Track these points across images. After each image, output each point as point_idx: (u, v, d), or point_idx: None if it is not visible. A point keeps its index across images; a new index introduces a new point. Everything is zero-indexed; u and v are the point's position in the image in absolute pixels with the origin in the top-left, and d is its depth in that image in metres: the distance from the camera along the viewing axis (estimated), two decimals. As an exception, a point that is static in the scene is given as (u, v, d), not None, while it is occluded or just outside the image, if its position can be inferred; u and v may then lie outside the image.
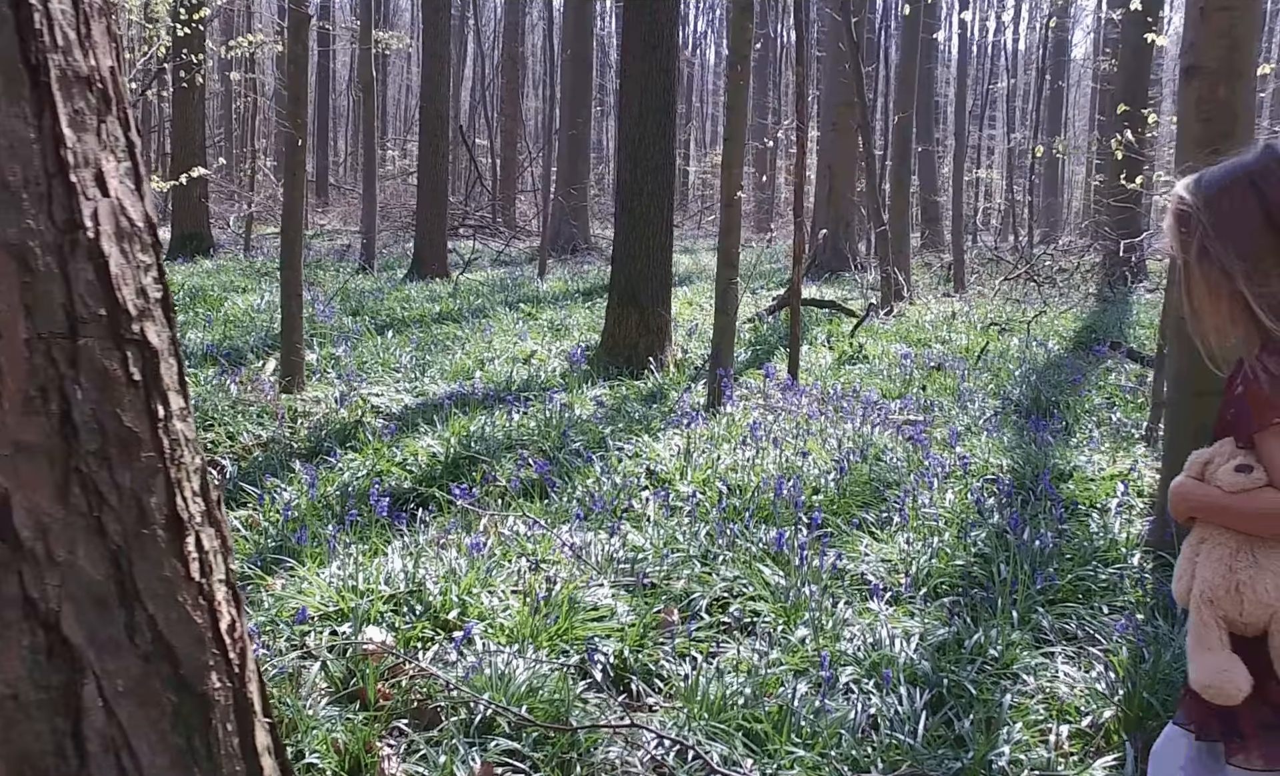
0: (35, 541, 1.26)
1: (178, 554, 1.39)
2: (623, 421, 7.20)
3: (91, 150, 1.33)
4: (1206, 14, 4.67)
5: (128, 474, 1.35)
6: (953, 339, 11.90)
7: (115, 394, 1.34)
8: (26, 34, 1.26)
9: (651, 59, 9.49)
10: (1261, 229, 1.99)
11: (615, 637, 3.98)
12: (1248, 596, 1.98)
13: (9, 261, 1.25)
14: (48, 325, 1.29)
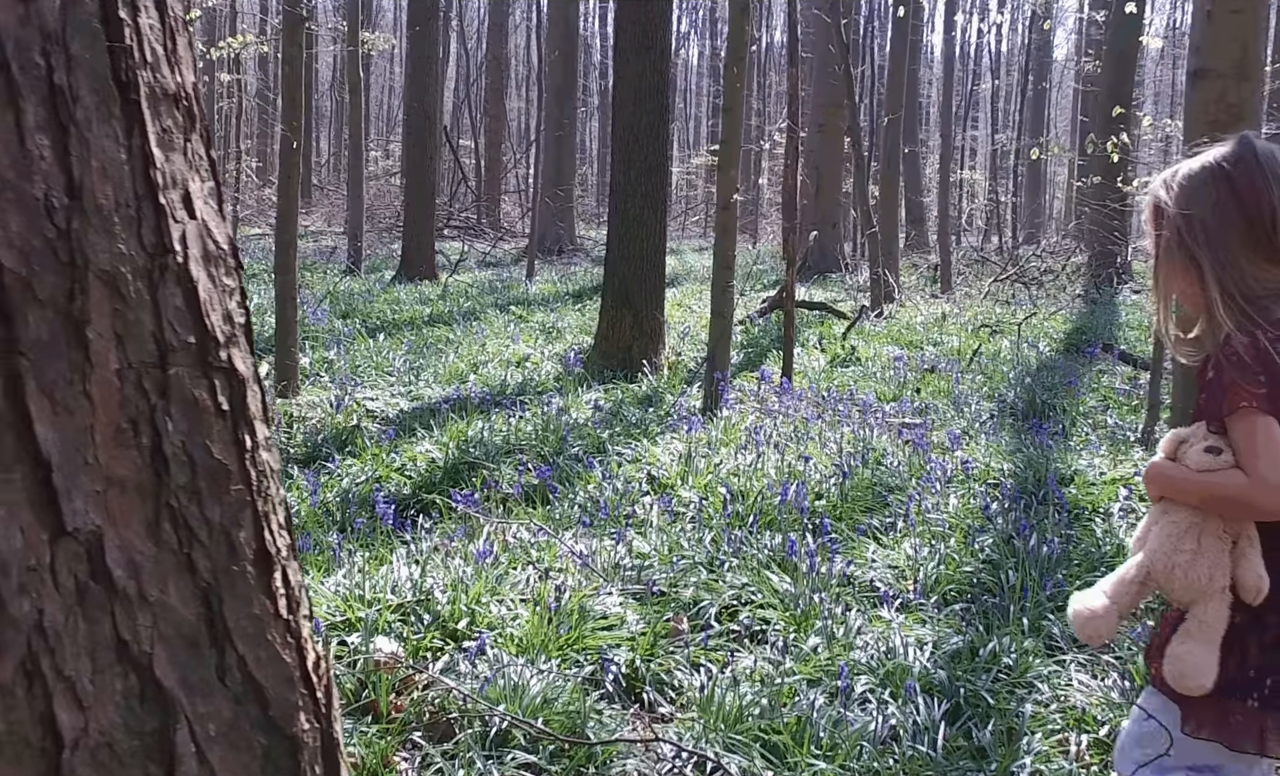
0: (128, 581, 1.21)
1: (266, 590, 1.34)
2: (620, 425, 7.16)
3: (179, 170, 1.28)
4: (1214, 17, 4.67)
5: (217, 508, 1.30)
6: (944, 341, 11.91)
7: (205, 424, 1.29)
8: (117, 50, 1.22)
9: (644, 60, 9.47)
10: (1232, 218, 2.04)
11: (626, 646, 3.95)
12: (1179, 578, 2.04)
13: (101, 289, 1.20)
14: (138, 355, 1.24)
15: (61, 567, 1.17)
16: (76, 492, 1.17)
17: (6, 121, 1.13)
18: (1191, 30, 4.92)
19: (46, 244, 1.16)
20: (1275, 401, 1.97)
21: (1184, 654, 2.03)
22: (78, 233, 1.18)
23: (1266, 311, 2.03)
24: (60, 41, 1.17)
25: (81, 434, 1.18)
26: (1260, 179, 2.04)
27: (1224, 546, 2.04)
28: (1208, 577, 2.03)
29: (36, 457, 1.15)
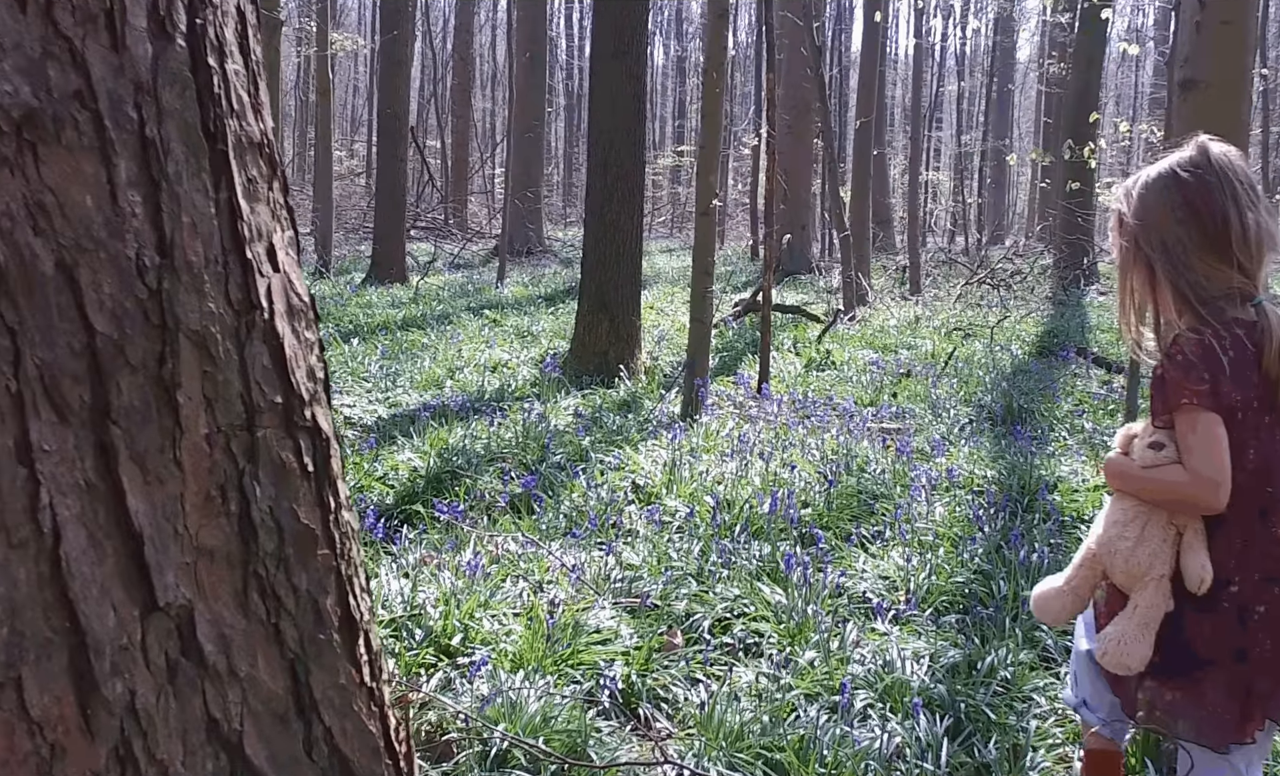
0: (218, 656, 1.15)
1: (351, 658, 1.29)
2: (600, 432, 7.12)
3: (264, 222, 1.23)
4: (1202, 28, 4.68)
5: (304, 575, 1.24)
6: (917, 344, 11.94)
7: (291, 488, 1.24)
8: (206, 99, 1.16)
9: (620, 65, 9.43)
10: (1186, 221, 2.13)
11: (621, 661, 3.91)
12: (1119, 563, 2.17)
13: (191, 350, 1.15)
14: (227, 418, 1.19)
15: (153, 645, 1.11)
16: (168, 565, 1.12)
17: (100, 178, 1.08)
18: (1178, 40, 4.94)
19: (138, 305, 1.11)
20: (1219, 398, 2.05)
21: (1117, 636, 2.16)
22: (169, 292, 1.13)
23: (1220, 312, 2.11)
24: (152, 92, 1.12)
25: (172, 503, 1.13)
26: (1215, 183, 2.12)
27: (1167, 536, 2.13)
28: (1147, 565, 2.14)
29: (128, 530, 1.10)
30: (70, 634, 1.07)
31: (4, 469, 1.03)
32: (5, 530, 1.03)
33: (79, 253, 1.07)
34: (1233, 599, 2.13)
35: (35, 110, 1.03)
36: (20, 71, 1.02)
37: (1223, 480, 2.04)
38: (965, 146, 30.11)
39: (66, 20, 1.05)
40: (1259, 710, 2.14)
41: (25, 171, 1.03)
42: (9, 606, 1.03)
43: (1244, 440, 2.09)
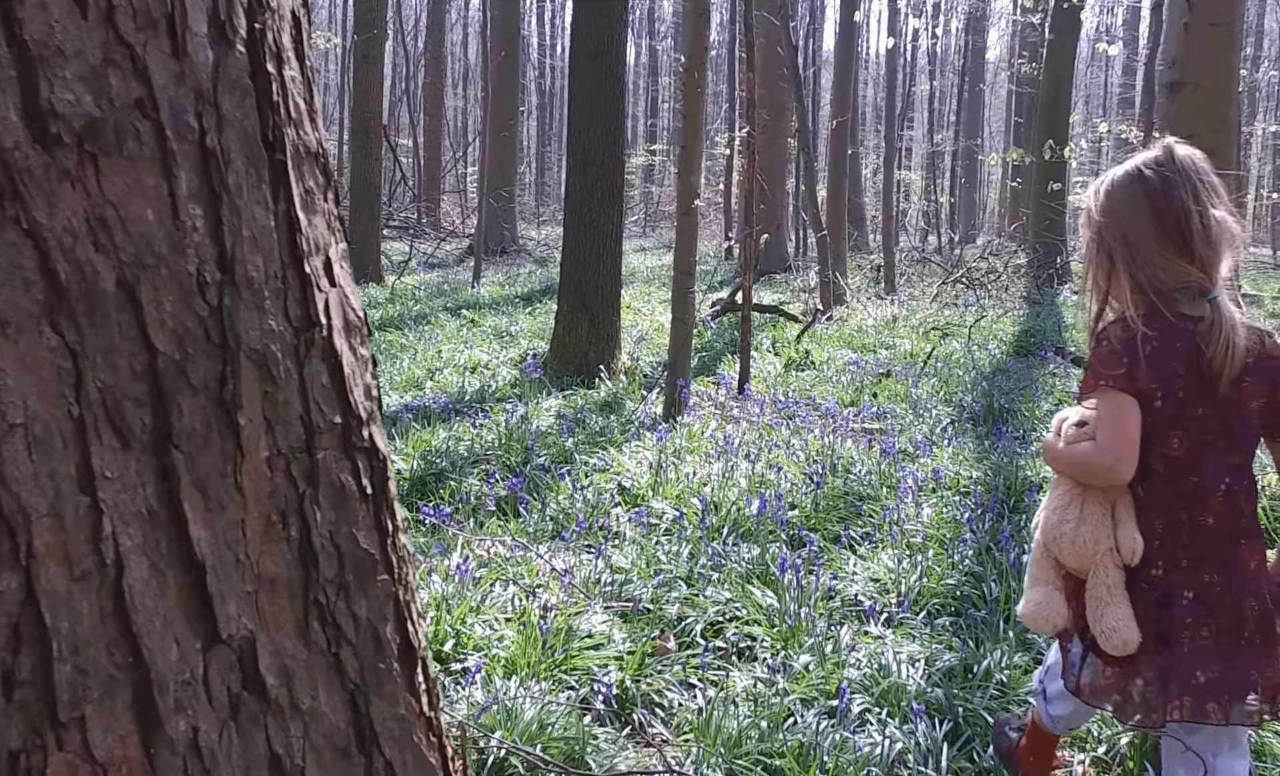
0: (280, 689, 1.11)
1: (410, 687, 1.25)
2: (584, 433, 7.09)
3: (321, 234, 1.18)
4: (1190, 30, 4.69)
5: (364, 602, 1.19)
6: (896, 344, 11.95)
7: (350, 511, 1.19)
8: (265, 107, 1.11)
9: (600, 64, 9.40)
10: (1146, 216, 2.23)
11: (615, 666, 3.88)
12: (1066, 546, 2.26)
13: (252, 370, 1.10)
14: (287, 440, 1.14)
15: (215, 679, 1.07)
16: (230, 595, 1.08)
17: (161, 191, 1.03)
18: (1167, 42, 4.95)
19: (199, 324, 1.06)
20: (1134, 383, 2.16)
21: (1108, 627, 2.21)
22: (229, 310, 1.08)
23: (1174, 303, 2.20)
24: (212, 100, 1.07)
25: (233, 530, 1.08)
26: (1177, 181, 2.21)
27: (1104, 512, 2.22)
28: (1093, 542, 2.23)
29: (190, 560, 1.05)
30: (133, 669, 1.02)
31: (66, 497, 0.99)
32: (68, 562, 0.99)
33: (140, 269, 1.02)
34: (1153, 582, 2.23)
35: (97, 120, 0.99)
36: (81, 80, 0.98)
37: (1121, 452, 2.16)
38: (937, 146, 30.24)
39: (128, 26, 1.00)
40: (1188, 693, 2.20)
41: (86, 185, 0.99)
42: (73, 642, 0.99)
43: (1165, 428, 2.19)
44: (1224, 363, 2.15)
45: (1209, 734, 2.28)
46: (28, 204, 0.96)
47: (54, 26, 0.96)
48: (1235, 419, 2.21)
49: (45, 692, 0.98)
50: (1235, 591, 2.22)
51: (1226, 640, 2.21)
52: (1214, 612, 2.20)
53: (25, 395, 0.96)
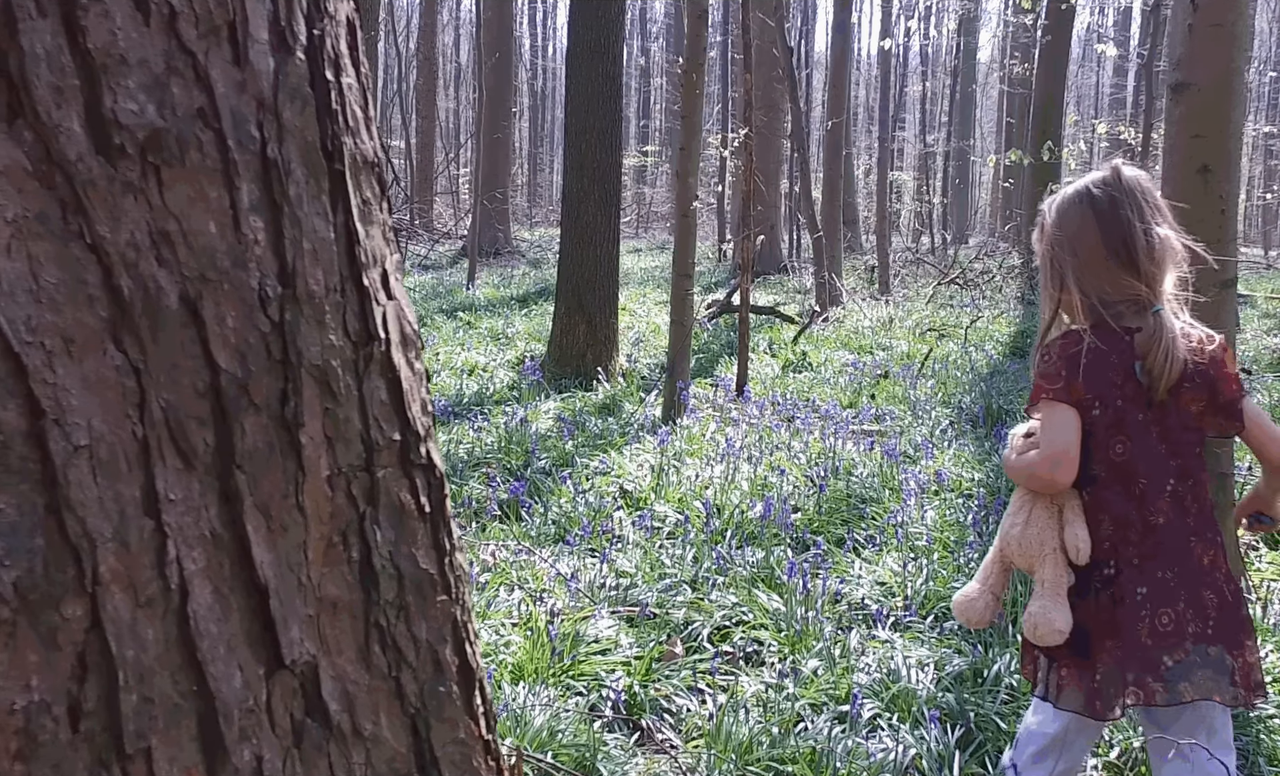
0: (342, 715, 1.07)
1: (469, 710, 1.21)
2: (583, 436, 7.07)
3: (378, 246, 1.15)
4: (1195, 32, 4.67)
5: (424, 624, 1.16)
6: (892, 345, 11.95)
7: (410, 531, 1.16)
8: (324, 116, 1.08)
9: (598, 65, 9.37)
10: (1092, 233, 2.35)
11: (622, 671, 3.86)
12: (1015, 547, 2.40)
13: (313, 387, 1.06)
14: (347, 458, 1.11)
15: (278, 706, 1.04)
16: (293, 619, 1.04)
17: (223, 203, 1.00)
18: (1171, 43, 4.93)
19: (261, 340, 1.03)
20: (1071, 393, 2.28)
21: (1036, 611, 2.33)
22: (290, 325, 1.05)
23: (1120, 316, 2.32)
24: (273, 109, 1.04)
25: (295, 552, 1.05)
26: (1123, 200, 2.34)
27: (1051, 514, 2.35)
28: (1038, 544, 2.36)
29: (253, 583, 1.02)
30: (198, 698, 1.00)
31: (131, 521, 0.96)
32: (134, 588, 0.96)
33: (203, 284, 1.00)
34: (1106, 580, 2.33)
35: (160, 130, 0.96)
36: (145, 89, 0.95)
37: (1061, 458, 2.27)
38: (929, 146, 30.27)
39: (190, 33, 0.97)
40: (1156, 679, 2.28)
41: (149, 197, 0.96)
42: (138, 671, 0.96)
43: (1107, 434, 2.31)
44: (1162, 370, 2.27)
45: (1185, 725, 2.37)
46: (91, 218, 0.93)
47: (117, 34, 0.93)
48: (1176, 424, 2.33)
49: (111, 723, 0.95)
50: (1192, 586, 2.31)
51: (1193, 628, 2.29)
52: (1173, 604, 2.29)
53: (90, 416, 0.94)
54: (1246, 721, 3.51)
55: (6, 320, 0.89)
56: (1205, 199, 4.54)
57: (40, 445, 0.91)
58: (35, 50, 0.90)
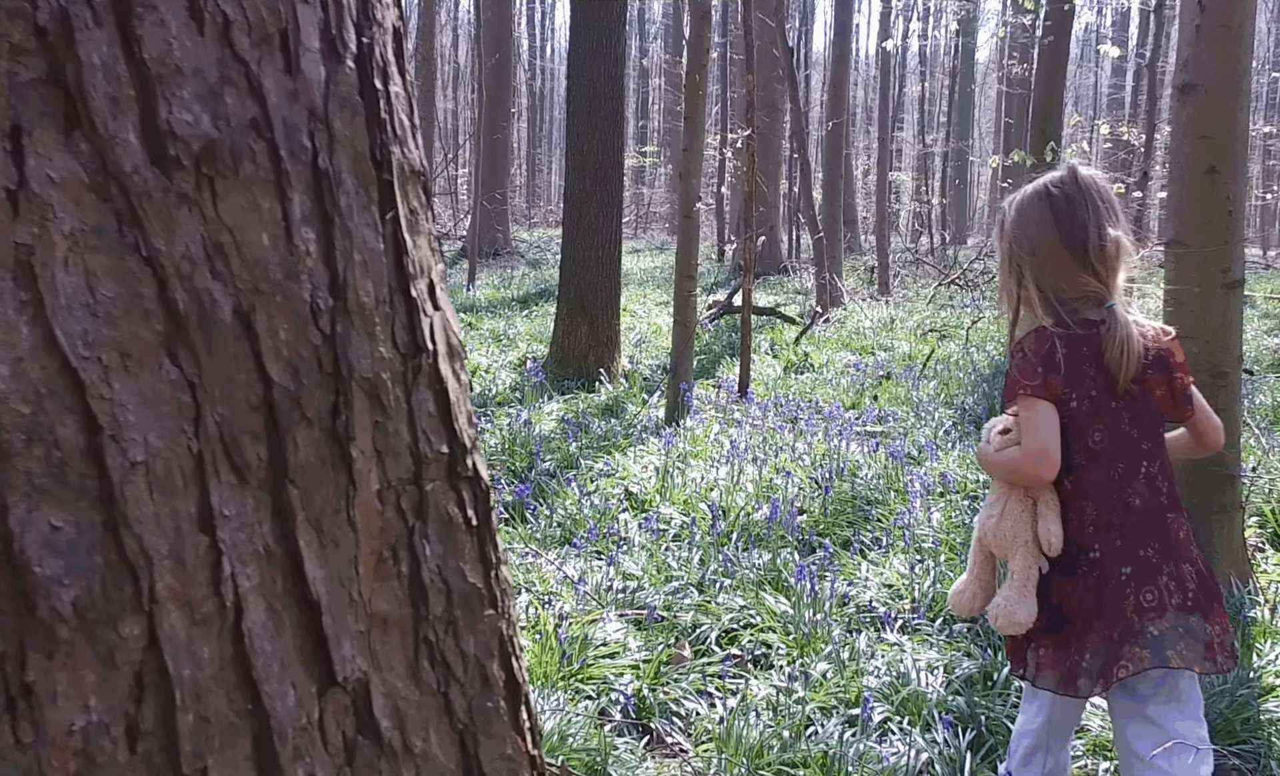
0: (393, 732, 1.06)
1: (515, 725, 1.20)
2: (587, 437, 7.06)
3: (425, 256, 1.14)
4: (1202, 33, 4.67)
5: (471, 639, 1.15)
6: (894, 346, 11.94)
7: (457, 545, 1.14)
8: (373, 125, 1.07)
9: (600, 66, 9.36)
10: (1050, 232, 2.44)
11: (631, 674, 3.85)
12: (990, 538, 2.48)
13: (364, 399, 1.05)
14: (396, 471, 1.09)
15: (330, 723, 1.02)
16: (344, 636, 1.03)
17: (275, 215, 0.98)
18: (1179, 44, 4.92)
19: (313, 353, 1.01)
20: (1049, 388, 2.36)
21: (1000, 602, 2.43)
22: (341, 338, 1.03)
23: (1075, 312, 2.40)
24: (324, 119, 1.02)
25: (347, 567, 1.04)
26: (1079, 200, 2.43)
27: (1025, 507, 2.42)
28: (1012, 534, 2.43)
29: (305, 599, 1.01)
30: (253, 717, 0.98)
31: (187, 538, 0.95)
32: (189, 606, 0.95)
33: (256, 296, 0.98)
34: (1092, 565, 2.40)
35: (214, 141, 0.95)
36: (199, 99, 0.94)
37: (1045, 453, 2.35)
38: (928, 147, 30.29)
39: (243, 42, 0.96)
40: (1144, 646, 2.35)
41: (203, 209, 0.95)
42: (195, 689, 0.94)
43: (1084, 425, 2.40)
44: (1121, 362, 2.38)
45: (1162, 696, 2.44)
46: (146, 230, 0.92)
47: (172, 43, 0.92)
48: (1143, 409, 2.44)
49: (168, 744, 0.94)
50: (1173, 560, 2.40)
51: (1175, 600, 2.38)
52: (1155, 581, 2.38)
53: (146, 431, 0.92)
54: (1258, 724, 3.51)
55: (64, 335, 0.88)
56: (1212, 200, 4.54)
57: (97, 461, 0.90)
58: (92, 60, 0.88)
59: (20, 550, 0.87)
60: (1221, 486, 4.57)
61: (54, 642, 0.89)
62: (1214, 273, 4.55)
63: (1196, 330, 4.54)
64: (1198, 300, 4.56)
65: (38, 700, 0.89)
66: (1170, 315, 4.69)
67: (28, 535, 0.87)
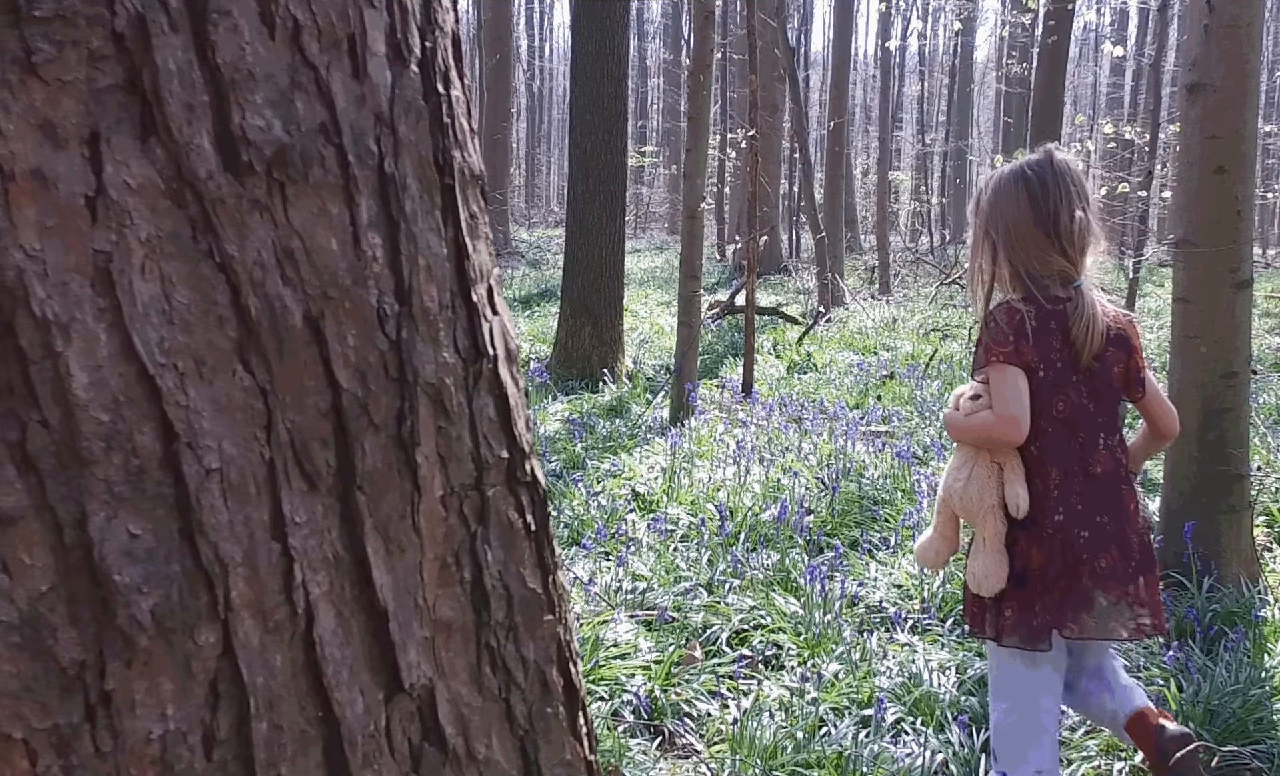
0: (457, 738, 1.06)
1: (574, 730, 1.20)
2: (592, 438, 7.05)
3: (484, 260, 1.14)
4: (1210, 32, 4.67)
5: (531, 644, 1.14)
6: (896, 346, 11.94)
7: (517, 550, 1.14)
8: (436, 129, 1.07)
9: (603, 67, 9.36)
10: (1025, 212, 2.55)
11: (642, 675, 3.85)
12: (957, 501, 2.60)
13: (428, 405, 1.05)
14: (459, 477, 1.09)
15: (396, 730, 1.02)
16: (410, 642, 1.03)
17: (343, 220, 0.98)
18: (1187, 44, 4.93)
19: (380, 358, 1.01)
20: (1020, 356, 2.48)
21: (978, 566, 2.58)
22: (406, 343, 1.03)
23: (1046, 289, 2.54)
24: (389, 123, 1.02)
25: (412, 573, 1.04)
26: (1053, 183, 2.55)
27: (991, 473, 2.53)
28: (978, 499, 2.54)
29: (373, 606, 1.00)
30: (323, 724, 0.98)
31: (260, 545, 0.95)
32: (262, 613, 0.95)
33: (325, 302, 0.98)
34: (1057, 527, 2.52)
35: (286, 146, 0.95)
36: (271, 104, 0.93)
37: (1019, 417, 2.45)
38: (927, 146, 30.30)
39: (313, 47, 0.96)
40: (1091, 615, 2.54)
41: (274, 215, 0.95)
42: (268, 697, 0.94)
43: (1049, 394, 2.52)
44: (1085, 339, 2.52)
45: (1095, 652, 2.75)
46: (220, 237, 0.92)
47: (245, 49, 0.91)
48: (1102, 384, 2.57)
49: (243, 752, 0.94)
50: (1123, 531, 2.57)
51: (1122, 568, 2.55)
52: (1108, 549, 2.54)
53: (220, 439, 0.92)
54: (1271, 724, 3.51)
55: (141, 342, 0.88)
56: (1221, 200, 4.55)
57: (173, 469, 0.90)
58: (168, 66, 0.88)
59: (100, 558, 0.87)
60: (1230, 486, 4.58)
61: (133, 651, 0.89)
62: (1223, 273, 4.55)
63: (1205, 330, 4.55)
64: (1206, 300, 4.57)
65: (117, 709, 0.88)
66: (1179, 315, 4.70)
67: (107, 543, 0.87)
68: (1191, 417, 4.69)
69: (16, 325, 0.85)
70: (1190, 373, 4.62)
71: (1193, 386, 4.66)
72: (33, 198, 0.85)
